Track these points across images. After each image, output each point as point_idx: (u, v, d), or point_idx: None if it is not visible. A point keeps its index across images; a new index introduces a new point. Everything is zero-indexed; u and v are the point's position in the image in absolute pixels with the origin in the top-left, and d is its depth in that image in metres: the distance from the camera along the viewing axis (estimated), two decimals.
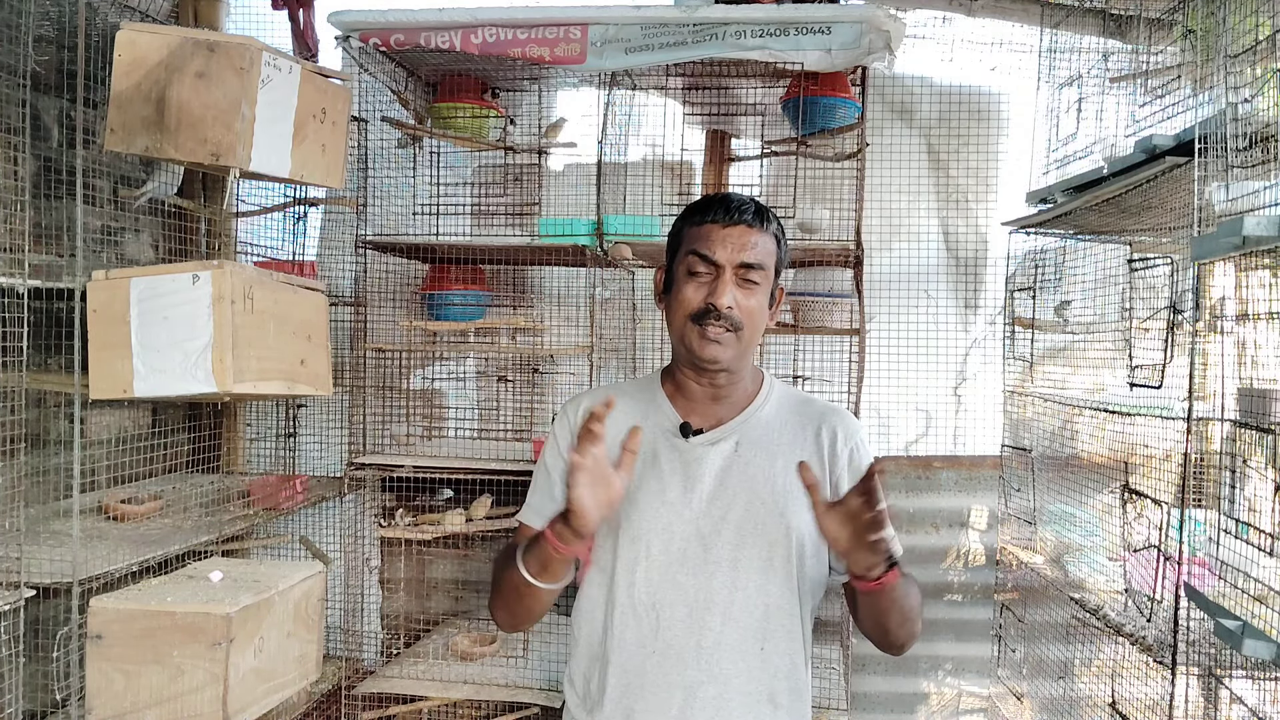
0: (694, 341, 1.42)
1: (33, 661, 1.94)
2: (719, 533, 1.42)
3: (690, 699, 1.39)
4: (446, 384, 3.21)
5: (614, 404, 1.29)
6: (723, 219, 1.43)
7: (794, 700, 1.46)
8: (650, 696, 1.40)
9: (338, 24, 2.61)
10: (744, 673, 1.40)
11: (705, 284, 1.42)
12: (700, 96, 2.96)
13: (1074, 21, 2.63)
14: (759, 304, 1.45)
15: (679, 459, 1.47)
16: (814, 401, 1.59)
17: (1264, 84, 1.57)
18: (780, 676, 1.44)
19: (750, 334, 1.45)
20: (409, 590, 2.95)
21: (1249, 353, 1.74)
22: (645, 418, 1.51)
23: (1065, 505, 2.48)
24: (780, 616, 1.44)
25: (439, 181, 2.95)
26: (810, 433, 1.51)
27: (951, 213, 3.36)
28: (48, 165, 2.37)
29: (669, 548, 1.42)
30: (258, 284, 2.02)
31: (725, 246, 1.42)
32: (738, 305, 1.41)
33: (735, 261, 1.41)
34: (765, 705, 1.42)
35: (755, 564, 1.42)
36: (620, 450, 1.44)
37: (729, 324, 1.41)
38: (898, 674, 3.24)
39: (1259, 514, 1.55)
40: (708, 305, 1.41)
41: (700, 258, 1.42)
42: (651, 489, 1.45)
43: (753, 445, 1.48)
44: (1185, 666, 1.78)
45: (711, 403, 1.51)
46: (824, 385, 2.87)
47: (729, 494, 1.44)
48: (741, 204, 1.44)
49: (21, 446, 1.81)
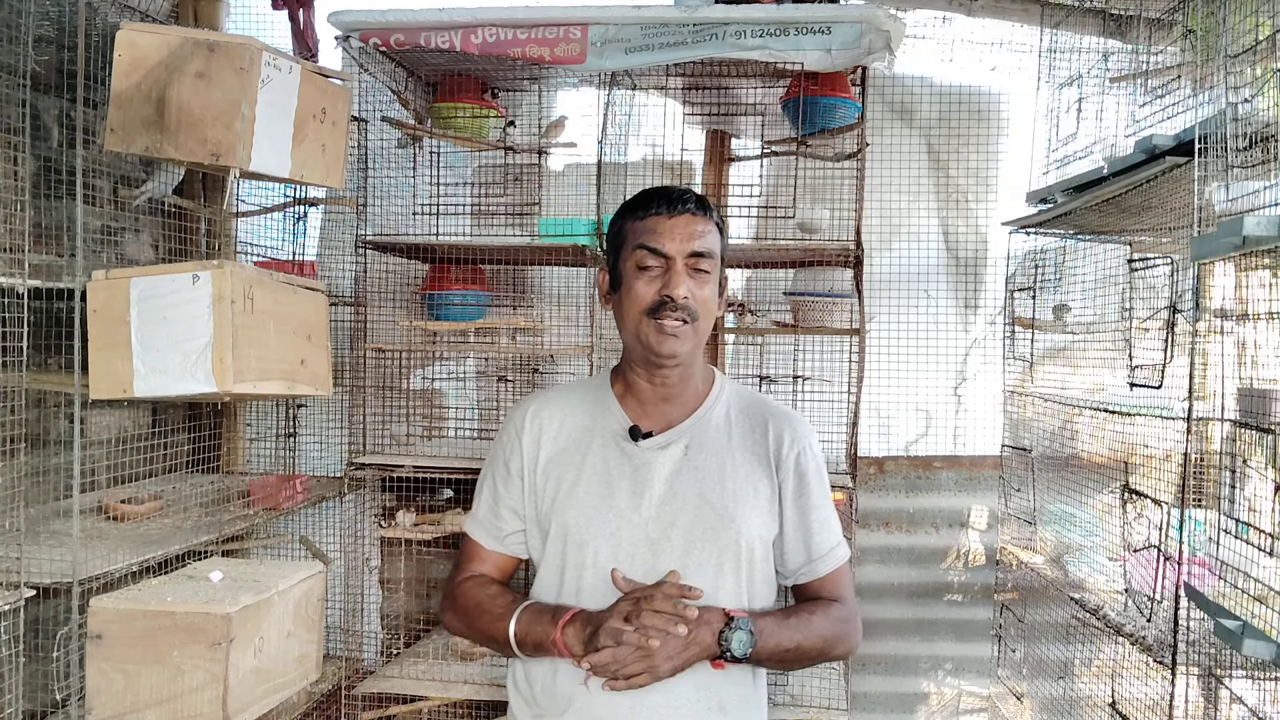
0: (650, 336, 1.41)
1: (33, 661, 1.94)
2: (668, 538, 1.41)
3: (637, 707, 1.37)
4: (446, 384, 3.20)
5: (699, 596, 1.36)
6: (667, 210, 1.42)
7: (743, 708, 1.44)
8: (599, 704, 1.38)
9: (338, 24, 2.61)
10: (691, 680, 1.38)
11: (657, 277, 1.41)
12: (700, 96, 2.96)
13: (1074, 21, 2.63)
14: (711, 293, 1.44)
15: (628, 463, 1.45)
16: (766, 403, 1.58)
17: (1264, 84, 1.57)
18: (730, 684, 1.42)
19: (704, 324, 1.44)
20: (409, 590, 2.95)
21: (1249, 353, 1.74)
22: (594, 420, 1.50)
23: (1065, 505, 2.48)
24: None
25: (439, 181, 2.95)
26: (759, 434, 1.50)
27: (951, 213, 3.36)
28: (48, 165, 2.37)
29: (617, 553, 1.40)
30: (258, 284, 2.02)
31: (673, 237, 1.40)
32: (692, 295, 1.40)
33: (685, 251, 1.40)
34: (715, 713, 1.40)
35: (705, 569, 1.41)
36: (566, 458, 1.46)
37: (685, 315, 1.40)
38: (898, 674, 3.24)
39: (1259, 514, 1.55)
40: (663, 297, 1.39)
41: (649, 251, 1.41)
42: (600, 494, 1.44)
43: (702, 448, 1.47)
44: (1185, 666, 1.78)
45: (662, 403, 1.49)
46: (824, 385, 2.87)
47: (679, 499, 1.42)
48: (683, 194, 1.43)
49: (21, 446, 1.81)
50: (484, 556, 1.54)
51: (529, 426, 1.51)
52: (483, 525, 1.54)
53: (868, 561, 3.19)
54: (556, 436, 1.50)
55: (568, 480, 1.46)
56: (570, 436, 1.50)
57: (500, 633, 1.41)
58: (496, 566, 1.55)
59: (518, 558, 1.56)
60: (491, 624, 1.43)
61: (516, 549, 1.55)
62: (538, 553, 1.51)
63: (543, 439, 1.50)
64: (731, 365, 3.14)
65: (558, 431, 1.50)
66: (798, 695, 2.55)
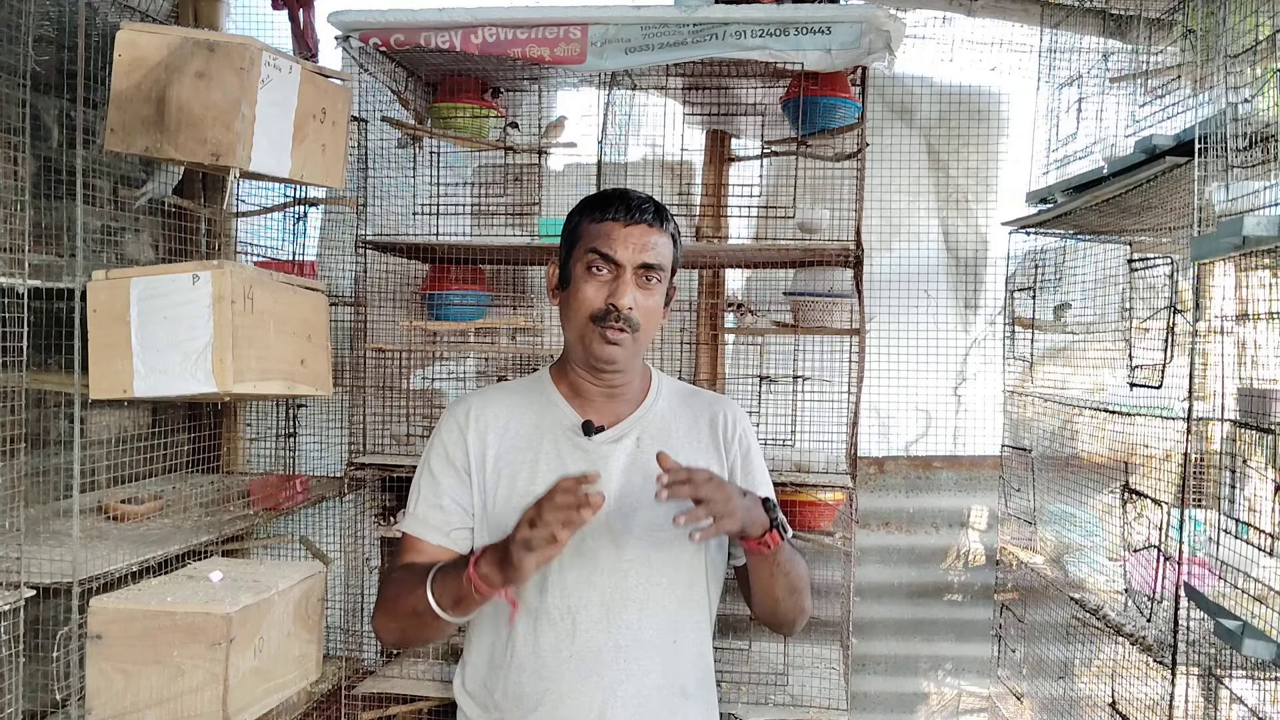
0: (593, 342, 1.41)
1: (33, 661, 1.94)
2: (629, 530, 1.41)
3: (610, 699, 1.38)
4: (446, 384, 3.20)
5: (597, 479, 1.21)
6: (624, 217, 1.41)
7: (701, 689, 1.48)
8: (570, 701, 1.38)
9: (338, 24, 2.61)
10: (659, 668, 1.41)
11: (605, 283, 1.40)
12: (700, 96, 2.96)
13: (1074, 21, 2.63)
14: (656, 304, 1.44)
15: (584, 458, 1.44)
16: (700, 393, 1.61)
17: (1264, 84, 1.57)
18: (690, 668, 1.45)
19: (646, 334, 1.44)
20: None
21: (1249, 353, 1.74)
22: (542, 417, 1.49)
23: (1065, 505, 2.48)
24: (690, 609, 1.45)
25: (439, 181, 2.95)
26: (704, 423, 1.53)
27: (951, 213, 3.36)
28: (48, 165, 2.37)
29: (581, 549, 1.39)
30: (258, 284, 2.02)
31: (627, 246, 1.39)
32: (637, 306, 1.40)
33: (636, 262, 1.39)
34: (678, 698, 1.43)
35: (666, 560, 1.42)
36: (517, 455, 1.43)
37: (629, 324, 1.39)
38: (898, 674, 3.24)
39: (1259, 514, 1.55)
40: (609, 306, 1.39)
41: (601, 256, 1.40)
42: None
43: (652, 440, 1.47)
44: (1185, 666, 1.78)
45: (608, 400, 1.49)
46: (824, 385, 2.87)
47: (635, 491, 1.43)
48: (642, 203, 1.42)
49: (21, 446, 1.81)
50: (423, 551, 1.46)
51: (473, 424, 1.48)
52: (425, 522, 1.47)
53: (868, 561, 3.19)
54: (503, 434, 1.48)
55: (523, 478, 1.44)
56: (518, 434, 1.48)
57: (421, 601, 1.32)
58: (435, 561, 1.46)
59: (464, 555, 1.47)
60: (413, 598, 1.34)
61: (462, 544, 1.47)
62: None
63: (488, 436, 1.47)
64: (731, 365, 3.14)
65: (504, 429, 1.48)
66: (798, 695, 2.55)
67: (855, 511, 2.60)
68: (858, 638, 3.05)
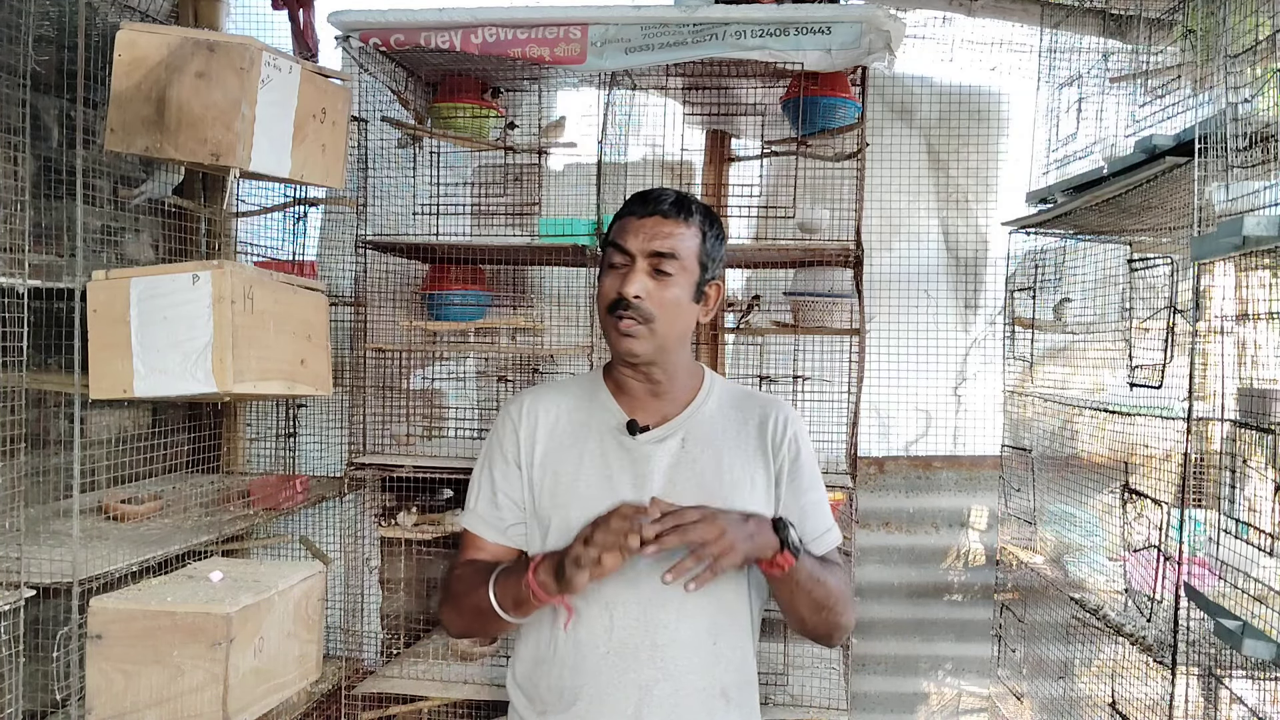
0: (610, 336, 1.43)
1: (33, 661, 1.94)
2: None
3: (645, 697, 1.39)
4: (446, 384, 3.20)
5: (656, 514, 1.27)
6: (639, 210, 1.43)
7: (743, 693, 1.47)
8: (605, 697, 1.39)
9: (338, 24, 2.61)
10: (697, 669, 1.41)
11: (621, 275, 1.42)
12: (700, 96, 2.96)
13: (1074, 21, 2.63)
14: (674, 296, 1.42)
15: (627, 457, 1.46)
16: (754, 395, 1.59)
17: (1264, 84, 1.57)
18: (731, 670, 1.45)
19: (666, 326, 1.43)
20: (409, 590, 2.95)
21: (1249, 353, 1.75)
22: (590, 414, 1.51)
23: (1065, 505, 2.48)
24: (731, 611, 1.45)
25: (439, 181, 2.95)
26: (753, 425, 1.51)
27: (951, 213, 3.36)
28: (48, 165, 2.37)
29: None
30: (258, 284, 2.01)
31: (638, 236, 1.41)
32: (649, 295, 1.40)
33: (647, 250, 1.40)
34: (718, 700, 1.43)
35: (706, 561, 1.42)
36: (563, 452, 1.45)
37: (639, 315, 1.39)
38: (898, 674, 3.24)
39: (1259, 514, 1.55)
40: (619, 296, 1.40)
41: (616, 248, 1.42)
42: (602, 488, 1.44)
43: (698, 441, 1.48)
44: (1185, 666, 1.78)
45: (653, 399, 1.50)
46: (824, 385, 2.87)
47: (678, 490, 1.43)
48: (661, 195, 1.44)
49: (21, 446, 1.81)
50: (483, 548, 1.52)
51: (525, 420, 1.51)
52: (483, 518, 1.52)
53: (868, 561, 3.19)
54: (552, 430, 1.50)
55: (567, 474, 1.47)
56: (566, 431, 1.50)
57: (484, 601, 1.38)
58: (496, 559, 1.54)
59: (520, 550, 1.55)
60: (476, 597, 1.40)
61: (519, 541, 1.53)
62: (536, 547, 1.50)
63: (538, 432, 1.50)
64: (731, 365, 3.14)
65: (553, 425, 1.51)
66: (798, 695, 2.55)
67: (855, 511, 2.60)
68: (858, 638, 3.05)
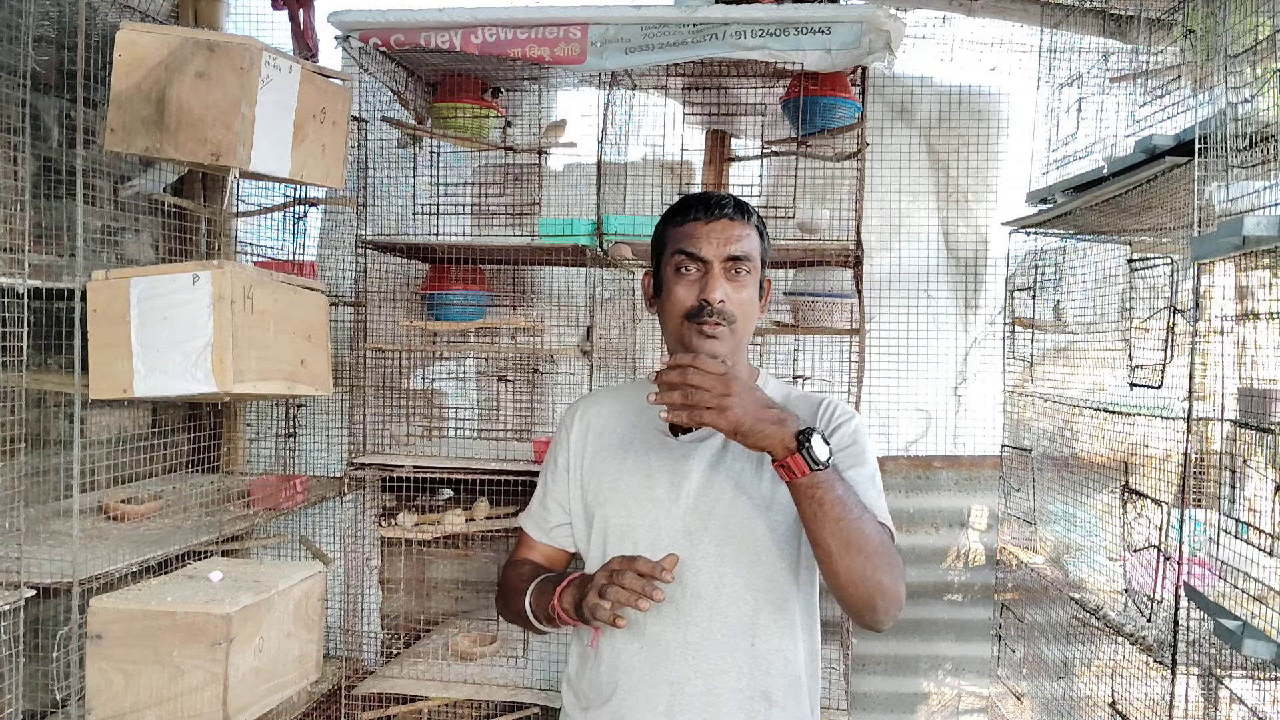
0: (693, 340, 1.43)
1: (33, 661, 1.94)
2: (705, 528, 1.43)
3: (677, 694, 1.40)
4: (446, 384, 3.20)
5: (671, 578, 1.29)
6: (704, 216, 1.44)
7: (790, 698, 1.44)
8: (638, 692, 1.41)
9: (338, 24, 2.61)
10: (733, 668, 1.40)
11: (695, 281, 1.43)
12: (700, 96, 2.96)
13: (1074, 21, 2.63)
14: (750, 296, 1.46)
15: (668, 456, 1.48)
16: (808, 397, 1.57)
17: (1264, 84, 1.57)
18: (774, 673, 1.43)
19: (744, 327, 1.46)
20: (409, 590, 2.95)
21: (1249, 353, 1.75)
22: (639, 416, 1.54)
23: (1065, 505, 2.48)
24: (770, 612, 1.43)
25: (439, 181, 2.95)
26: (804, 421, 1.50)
27: (951, 213, 3.36)
28: (48, 165, 2.37)
29: (656, 543, 1.42)
30: (258, 284, 2.01)
31: (711, 242, 1.43)
32: (729, 299, 1.42)
33: (723, 255, 1.42)
34: (759, 701, 1.42)
35: (741, 560, 1.42)
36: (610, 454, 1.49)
37: (724, 318, 1.42)
38: (898, 674, 3.24)
39: (1259, 514, 1.55)
40: (701, 302, 1.42)
41: (688, 256, 1.43)
42: (640, 486, 1.47)
43: None
44: (1185, 666, 1.78)
45: None
46: (824, 385, 2.86)
47: (714, 491, 1.44)
48: (721, 199, 1.46)
49: (21, 446, 1.81)
50: (533, 547, 1.61)
51: (577, 424, 1.58)
52: (533, 518, 1.61)
53: None
54: (603, 433, 1.55)
55: (610, 474, 1.51)
56: (614, 433, 1.55)
57: (523, 610, 1.46)
58: (545, 557, 1.61)
59: (565, 550, 1.61)
60: (518, 600, 1.48)
61: (563, 541, 1.60)
62: (584, 545, 1.55)
63: (589, 435, 1.56)
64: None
65: (604, 428, 1.56)
66: None
67: None
68: (858, 638, 3.05)
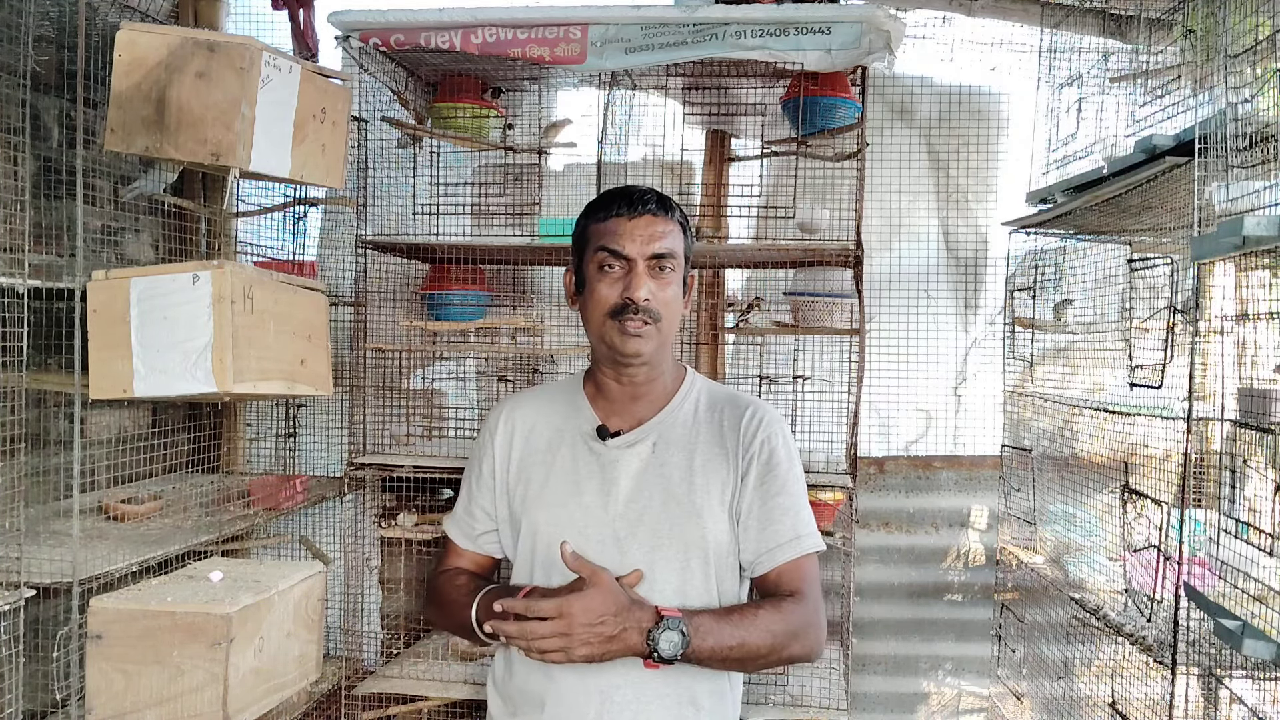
0: (615, 338, 1.42)
1: (33, 661, 1.94)
2: (634, 535, 1.42)
3: (606, 702, 1.38)
4: (446, 384, 3.20)
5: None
6: (627, 211, 1.43)
7: (716, 702, 1.45)
8: (568, 701, 1.40)
9: (338, 24, 2.61)
10: (660, 675, 1.38)
11: (619, 279, 1.42)
12: (700, 96, 2.96)
13: (1074, 21, 2.63)
14: (674, 294, 1.45)
15: (596, 462, 1.46)
16: (738, 397, 1.56)
17: (1264, 84, 1.57)
18: (701, 679, 1.42)
19: (669, 325, 1.45)
20: (409, 590, 2.95)
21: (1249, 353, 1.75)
22: (565, 420, 1.52)
23: (1065, 505, 2.48)
24: None
25: (439, 181, 2.95)
26: (729, 427, 1.49)
27: (951, 213, 3.36)
28: (48, 165, 2.37)
29: (584, 550, 1.41)
30: (258, 284, 2.01)
31: (634, 239, 1.41)
32: (654, 296, 1.41)
33: (646, 253, 1.41)
34: (688, 708, 1.41)
35: (671, 566, 1.42)
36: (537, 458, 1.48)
37: (648, 316, 1.40)
38: (898, 674, 3.24)
39: (1259, 514, 1.55)
40: (625, 300, 1.40)
41: (610, 253, 1.42)
42: (568, 492, 1.45)
43: (669, 445, 1.47)
44: (1185, 666, 1.78)
45: (631, 402, 1.50)
46: (824, 385, 2.87)
47: (645, 496, 1.43)
48: (644, 195, 1.44)
49: (21, 446, 1.81)
50: (460, 554, 1.59)
51: (501, 428, 1.54)
52: (458, 525, 1.59)
53: (868, 561, 3.19)
54: (529, 437, 1.52)
55: (537, 480, 1.49)
56: (542, 437, 1.52)
57: (466, 620, 1.43)
58: (474, 563, 1.60)
59: (492, 556, 1.60)
60: (460, 612, 1.45)
61: (489, 548, 1.58)
62: (511, 551, 1.54)
63: (514, 440, 1.53)
64: (731, 365, 3.14)
65: (529, 432, 1.53)
66: (798, 695, 2.55)
67: (855, 511, 2.60)
68: (858, 638, 3.06)
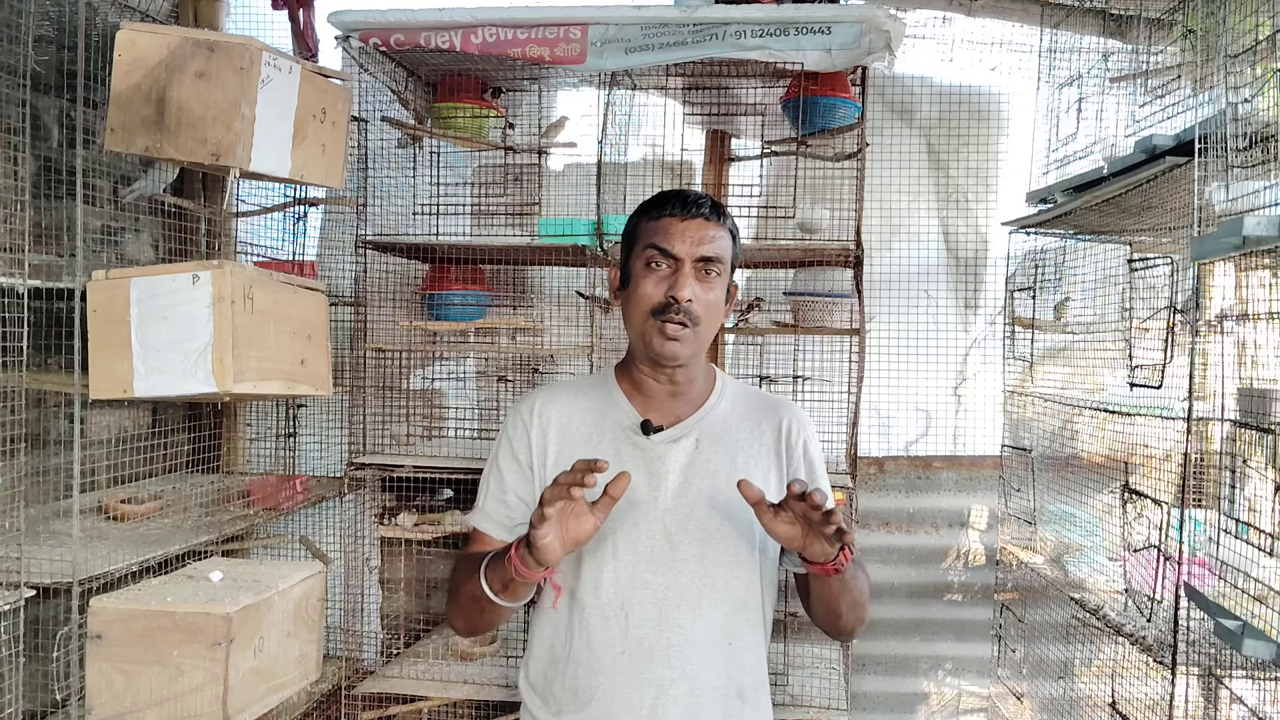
0: (653, 338, 1.41)
1: (33, 661, 1.94)
2: (685, 529, 1.42)
3: (661, 696, 1.39)
4: (446, 384, 3.20)
5: (606, 467, 1.21)
6: (680, 212, 1.43)
7: (758, 693, 1.48)
8: (621, 697, 1.40)
9: (338, 24, 2.61)
10: (712, 668, 1.41)
11: (665, 278, 1.41)
12: (700, 96, 2.96)
13: (1074, 21, 2.63)
14: (717, 298, 1.44)
15: (641, 457, 1.46)
16: (765, 396, 1.60)
17: (1264, 84, 1.57)
18: (746, 671, 1.45)
19: (707, 329, 1.44)
20: (409, 590, 2.95)
21: (1249, 353, 1.75)
22: (602, 415, 1.50)
23: (1065, 505, 2.48)
24: (746, 611, 1.45)
25: (439, 181, 2.95)
26: (767, 427, 1.52)
27: (951, 213, 3.36)
28: (48, 165, 2.37)
29: (635, 546, 1.41)
30: (258, 284, 2.01)
31: (684, 240, 1.41)
32: (697, 298, 1.41)
33: (694, 255, 1.41)
34: (734, 700, 1.43)
35: (722, 559, 1.43)
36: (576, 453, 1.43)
37: (688, 318, 1.40)
38: (898, 674, 3.24)
39: (1259, 514, 1.55)
40: (669, 299, 1.40)
41: (659, 251, 1.41)
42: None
43: (712, 441, 1.48)
44: (1185, 666, 1.78)
45: (669, 399, 1.50)
46: (824, 385, 2.87)
47: (694, 491, 1.44)
48: (699, 198, 1.44)
49: (21, 446, 1.81)
50: (489, 545, 1.50)
51: (536, 420, 1.50)
52: (491, 517, 1.51)
53: (868, 561, 3.17)
54: (564, 431, 1.49)
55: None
56: (578, 431, 1.49)
57: (476, 587, 1.36)
58: None
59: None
60: (470, 586, 1.38)
61: None
62: None
63: (550, 433, 1.49)
64: (731, 365, 3.14)
65: (565, 426, 1.49)
66: (798, 695, 2.55)
67: (855, 511, 2.60)
68: (858, 638, 3.05)
